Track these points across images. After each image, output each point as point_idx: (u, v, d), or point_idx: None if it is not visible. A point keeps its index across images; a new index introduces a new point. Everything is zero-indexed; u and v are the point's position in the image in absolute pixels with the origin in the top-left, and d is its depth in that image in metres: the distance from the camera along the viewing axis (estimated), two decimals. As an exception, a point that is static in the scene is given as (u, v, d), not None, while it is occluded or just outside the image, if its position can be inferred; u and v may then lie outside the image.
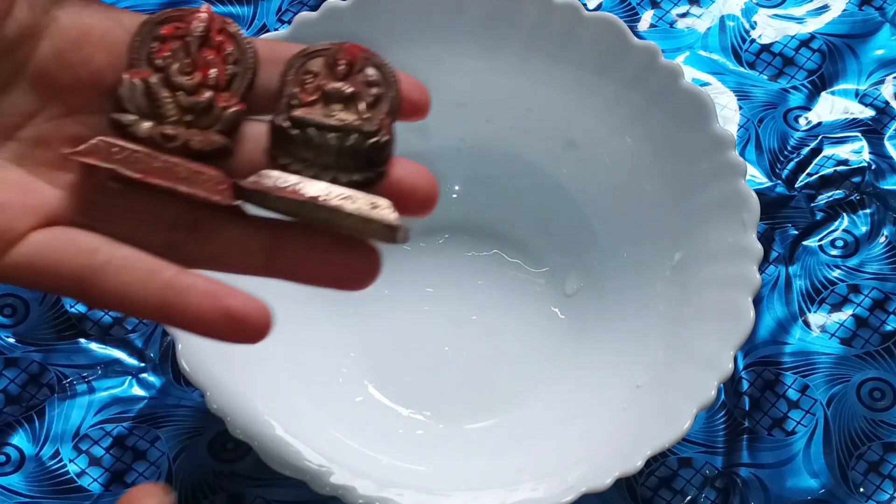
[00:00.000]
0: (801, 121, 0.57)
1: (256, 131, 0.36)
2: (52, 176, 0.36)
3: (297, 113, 0.36)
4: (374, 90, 0.36)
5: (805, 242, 0.54)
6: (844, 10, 0.60)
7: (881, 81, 0.58)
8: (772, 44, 0.59)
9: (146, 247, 0.35)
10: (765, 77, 0.59)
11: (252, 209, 0.36)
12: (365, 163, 0.36)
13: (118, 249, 0.35)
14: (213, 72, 0.36)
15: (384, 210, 0.35)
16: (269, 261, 0.36)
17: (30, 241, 0.35)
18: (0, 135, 0.35)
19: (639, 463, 0.43)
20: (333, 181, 0.35)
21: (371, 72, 0.37)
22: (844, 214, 0.55)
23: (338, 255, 0.35)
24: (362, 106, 0.36)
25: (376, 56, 0.37)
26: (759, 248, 0.46)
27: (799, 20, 0.60)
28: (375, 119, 0.36)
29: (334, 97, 0.36)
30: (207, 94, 0.36)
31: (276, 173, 0.35)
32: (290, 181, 0.35)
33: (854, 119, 0.57)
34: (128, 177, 0.35)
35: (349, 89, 0.36)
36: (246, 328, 0.34)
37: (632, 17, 0.60)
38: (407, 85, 0.37)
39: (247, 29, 0.59)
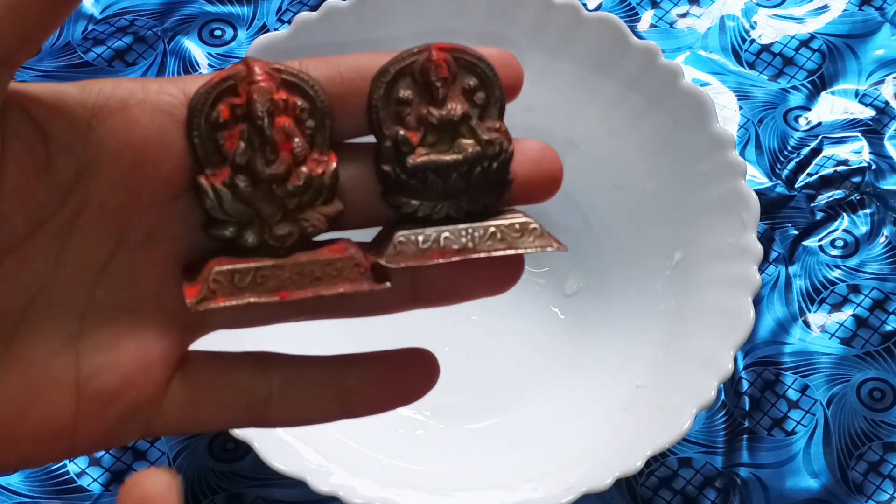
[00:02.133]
0: (801, 121, 0.57)
1: (349, 174, 0.33)
2: (157, 304, 0.32)
3: (412, 161, 0.32)
4: (479, 96, 0.33)
5: (805, 242, 0.54)
6: (844, 10, 0.60)
7: (881, 81, 0.58)
8: (772, 44, 0.59)
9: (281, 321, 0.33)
10: (765, 77, 0.59)
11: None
12: (495, 182, 0.33)
13: (269, 373, 0.33)
14: (297, 142, 0.32)
15: (534, 236, 0.33)
16: (415, 294, 0.34)
17: (174, 399, 0.32)
18: (84, 286, 0.31)
19: (639, 463, 0.43)
20: (468, 215, 0.33)
21: (467, 76, 0.33)
22: (844, 214, 0.55)
23: (482, 272, 0.33)
24: (475, 122, 0.33)
25: (465, 51, 0.33)
26: (759, 248, 0.46)
27: (799, 20, 0.60)
28: (493, 133, 0.33)
29: (443, 126, 0.33)
30: (303, 172, 0.32)
31: (409, 234, 0.32)
32: (430, 238, 0.32)
33: (854, 119, 0.57)
34: (263, 303, 0.32)
35: (458, 111, 0.33)
36: (423, 393, 0.34)
37: (632, 17, 0.60)
38: (503, 70, 0.33)
39: (247, 29, 0.59)
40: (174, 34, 0.58)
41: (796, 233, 0.55)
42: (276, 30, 0.58)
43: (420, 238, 0.32)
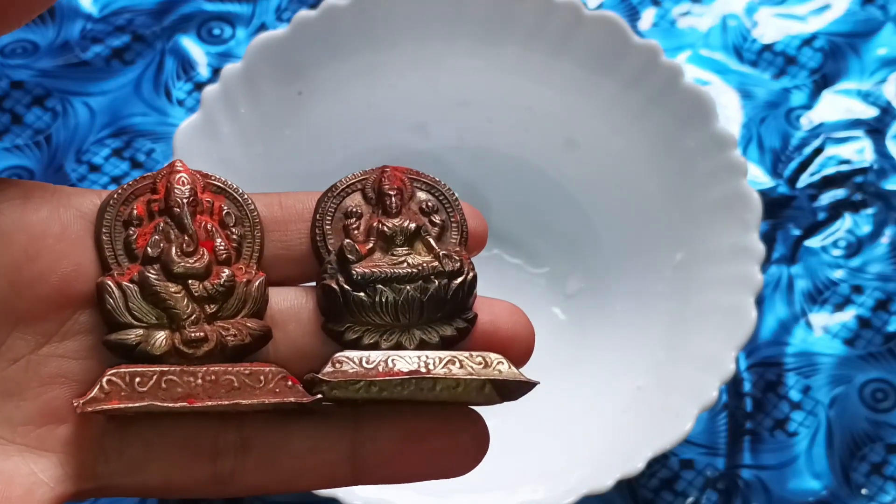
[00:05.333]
0: (804, 120, 0.57)
1: (285, 304, 0.28)
2: (40, 437, 0.26)
3: (358, 269, 0.28)
4: (437, 217, 0.29)
5: (807, 243, 0.54)
6: (847, 8, 0.60)
7: (884, 80, 0.58)
8: (774, 43, 0.59)
9: (186, 489, 0.27)
10: (767, 76, 0.58)
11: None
12: (454, 310, 0.29)
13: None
14: (220, 242, 0.28)
15: (502, 366, 0.29)
16: (355, 470, 0.28)
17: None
18: None
19: (640, 464, 0.43)
20: (422, 345, 0.28)
21: (424, 196, 0.29)
22: (847, 214, 0.55)
23: (440, 440, 0.29)
24: (431, 240, 0.29)
25: (424, 175, 0.30)
26: (761, 248, 0.46)
27: (801, 19, 0.60)
28: (453, 254, 0.29)
29: (395, 237, 0.29)
30: (226, 273, 0.28)
31: (351, 354, 0.28)
32: (376, 359, 0.28)
33: (857, 119, 0.57)
34: (165, 410, 0.26)
35: (411, 223, 0.29)
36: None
37: (633, 16, 0.60)
38: (470, 220, 0.30)
39: (246, 28, 0.59)
40: (172, 33, 0.58)
41: (798, 233, 0.54)
42: (275, 28, 0.58)
43: (364, 358, 0.28)
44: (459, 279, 0.29)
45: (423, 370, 0.27)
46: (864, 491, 0.49)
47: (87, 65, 0.57)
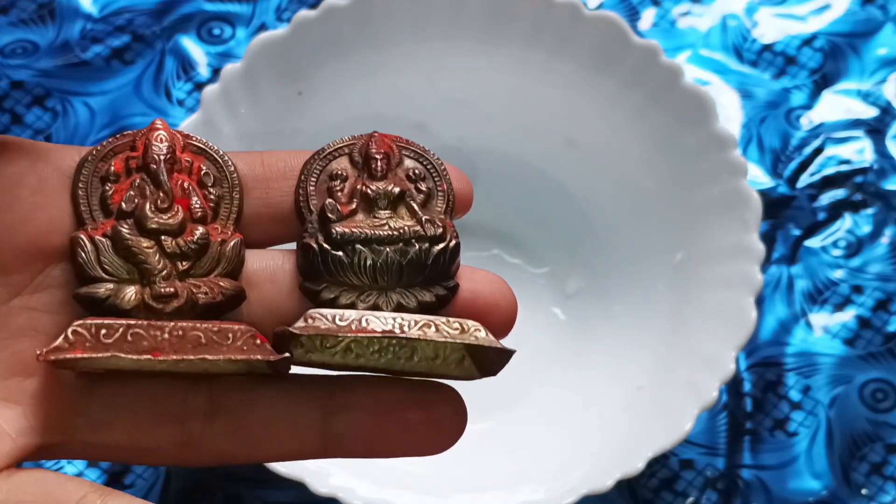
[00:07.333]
0: (804, 120, 0.57)
1: (261, 264, 0.28)
2: (7, 389, 0.26)
3: (338, 228, 0.28)
4: (423, 185, 0.29)
5: (807, 243, 0.54)
6: (847, 8, 0.60)
7: (884, 80, 0.58)
8: (774, 43, 0.59)
9: (153, 452, 0.27)
10: (767, 76, 0.58)
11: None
12: (434, 277, 0.28)
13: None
14: (195, 201, 0.28)
15: (479, 332, 0.28)
16: (326, 440, 0.27)
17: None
18: None
19: (640, 464, 0.43)
20: (399, 308, 0.28)
21: (411, 164, 0.29)
22: (847, 214, 0.55)
23: (416, 412, 0.28)
24: (415, 205, 0.29)
25: (413, 144, 0.30)
26: (760, 247, 0.46)
27: (801, 19, 0.60)
28: (436, 219, 0.29)
29: (379, 200, 0.29)
30: (200, 231, 0.28)
31: (325, 311, 0.27)
32: (349, 317, 0.27)
33: (857, 119, 0.57)
34: (128, 363, 0.26)
35: (396, 188, 0.29)
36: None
37: (633, 16, 0.60)
38: (456, 184, 0.29)
39: (246, 28, 0.59)
40: (172, 33, 0.58)
41: (798, 233, 0.54)
42: (275, 28, 0.58)
43: (338, 315, 0.27)
44: (441, 245, 0.29)
45: (398, 331, 0.27)
46: (864, 491, 0.49)
47: (87, 65, 0.57)
